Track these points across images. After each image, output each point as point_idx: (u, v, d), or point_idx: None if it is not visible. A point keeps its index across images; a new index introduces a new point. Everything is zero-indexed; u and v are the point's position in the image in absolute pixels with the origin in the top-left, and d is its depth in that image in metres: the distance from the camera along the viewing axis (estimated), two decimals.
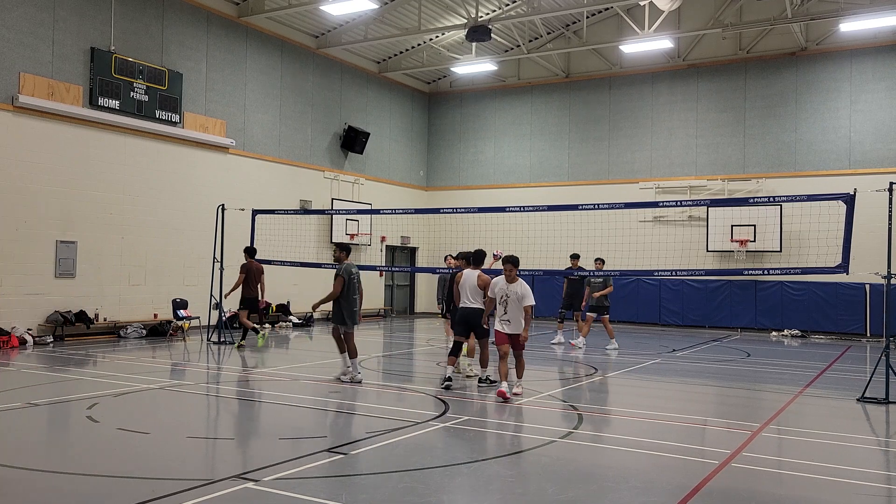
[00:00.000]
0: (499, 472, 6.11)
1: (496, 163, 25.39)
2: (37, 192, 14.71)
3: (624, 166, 23.22)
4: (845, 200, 9.92)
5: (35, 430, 7.61)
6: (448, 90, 26.41)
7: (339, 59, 22.55)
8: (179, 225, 17.47)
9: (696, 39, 22.01)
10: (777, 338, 19.82)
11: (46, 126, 14.89)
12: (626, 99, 23.33)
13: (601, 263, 15.53)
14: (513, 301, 9.42)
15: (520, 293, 9.40)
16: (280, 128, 20.64)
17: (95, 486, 5.61)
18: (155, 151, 17.02)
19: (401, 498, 5.32)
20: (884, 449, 7.51)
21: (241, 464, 6.31)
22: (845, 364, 14.08)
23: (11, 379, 10.45)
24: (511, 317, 9.46)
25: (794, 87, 21.00)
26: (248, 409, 8.80)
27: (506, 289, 9.48)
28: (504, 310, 9.51)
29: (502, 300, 9.51)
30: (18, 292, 14.38)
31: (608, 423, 8.26)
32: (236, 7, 19.12)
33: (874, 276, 11.45)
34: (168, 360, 13.01)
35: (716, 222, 20.99)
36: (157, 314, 16.77)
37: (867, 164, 19.88)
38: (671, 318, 21.99)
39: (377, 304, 24.12)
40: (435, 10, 21.18)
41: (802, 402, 9.85)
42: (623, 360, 13.94)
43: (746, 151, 21.53)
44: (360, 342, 16.59)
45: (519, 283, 9.47)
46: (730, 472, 6.24)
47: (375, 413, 8.55)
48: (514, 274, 9.52)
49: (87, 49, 15.61)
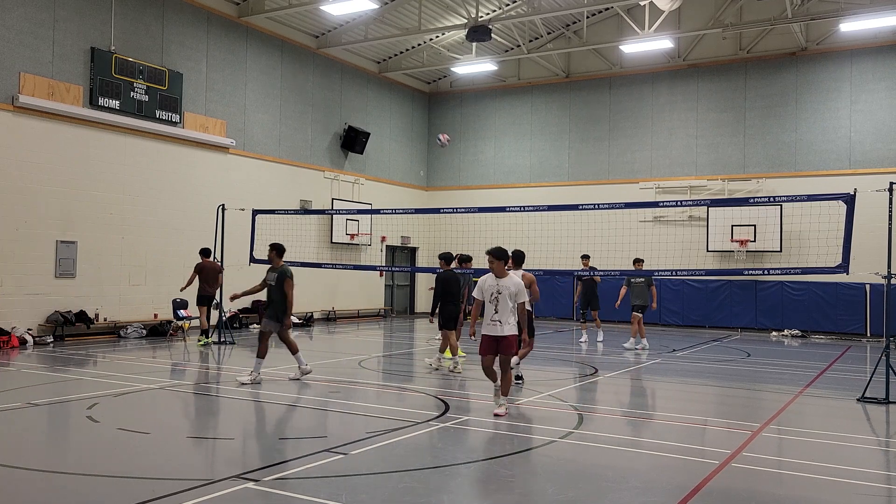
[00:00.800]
0: (499, 472, 6.11)
1: (496, 163, 25.39)
2: (37, 192, 14.72)
3: (624, 166, 23.22)
4: (845, 200, 9.91)
5: (35, 430, 7.61)
6: (448, 90, 26.41)
7: (339, 59, 22.56)
8: (180, 225, 17.47)
9: (697, 39, 22.01)
10: (777, 338, 19.82)
11: (46, 126, 14.90)
12: (626, 99, 23.33)
13: (640, 264, 15.33)
14: (504, 299, 8.20)
15: (513, 289, 8.25)
16: (280, 128, 20.64)
17: (95, 486, 5.61)
18: (155, 151, 17.02)
19: (401, 498, 5.32)
20: (884, 449, 7.51)
21: (241, 464, 6.30)
22: (845, 364, 14.08)
23: (11, 379, 10.45)
24: (502, 317, 8.23)
25: (794, 87, 21.00)
26: (248, 409, 8.80)
27: (496, 285, 8.29)
28: (494, 309, 8.25)
29: (492, 299, 8.30)
30: (18, 292, 14.38)
31: (608, 423, 8.25)
32: (236, 7, 19.12)
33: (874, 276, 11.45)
34: (168, 360, 13.02)
35: (716, 222, 20.99)
36: (157, 314, 16.78)
37: (867, 164, 19.88)
38: (671, 318, 21.99)
39: (377, 304, 24.12)
40: (435, 10, 21.18)
41: (802, 402, 9.84)
42: (623, 360, 13.94)
43: (746, 151, 21.53)
44: (360, 342, 16.65)
45: (510, 278, 8.31)
46: (730, 472, 6.24)
47: (375, 413, 8.55)
48: (500, 267, 8.30)
49: (88, 49, 15.61)
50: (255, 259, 14.72)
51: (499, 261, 8.31)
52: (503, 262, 8.36)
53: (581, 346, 16.38)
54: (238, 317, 18.55)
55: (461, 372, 11.31)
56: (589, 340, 16.71)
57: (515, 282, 8.31)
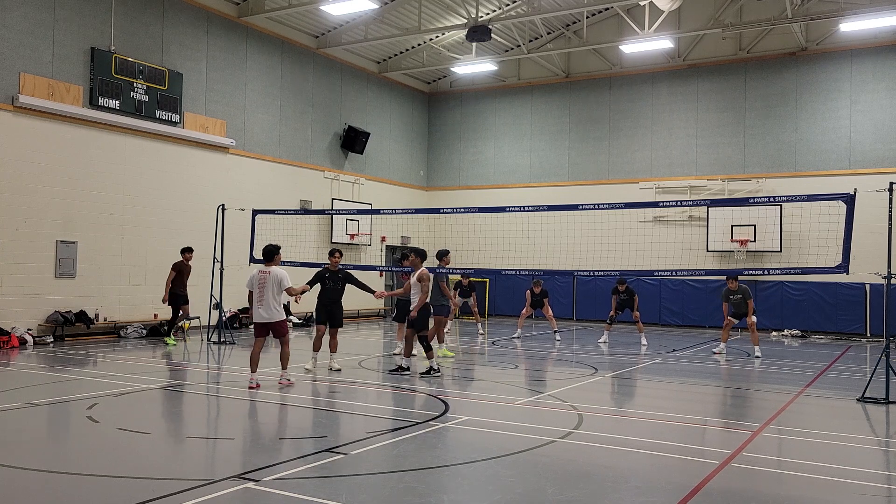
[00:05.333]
0: (499, 472, 6.11)
1: (496, 163, 25.39)
2: (37, 192, 14.71)
3: (624, 166, 23.22)
4: (845, 200, 9.91)
5: (35, 430, 7.61)
6: (448, 90, 26.41)
7: (339, 59, 22.55)
8: (179, 225, 17.47)
9: (696, 39, 22.01)
10: (777, 338, 19.82)
11: (46, 126, 14.90)
12: (626, 99, 23.32)
13: (735, 282, 14.85)
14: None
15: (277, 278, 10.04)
16: (280, 128, 20.64)
17: (95, 486, 5.61)
18: (155, 151, 17.02)
19: (401, 498, 5.32)
20: (884, 449, 7.51)
21: (241, 464, 6.30)
22: (845, 364, 14.08)
23: (11, 379, 10.45)
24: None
25: (794, 87, 21.00)
26: (248, 409, 8.80)
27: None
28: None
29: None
30: (18, 292, 14.38)
31: (608, 423, 8.25)
32: (236, 7, 19.12)
33: (874, 276, 11.45)
34: (168, 360, 13.01)
35: (716, 222, 20.99)
36: (157, 314, 16.77)
37: (867, 164, 19.88)
38: (671, 318, 21.99)
39: (377, 304, 24.11)
40: (435, 10, 21.18)
41: (802, 402, 9.84)
42: (623, 360, 13.94)
43: (746, 151, 21.52)
44: (360, 342, 16.63)
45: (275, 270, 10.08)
46: (730, 472, 6.24)
47: (375, 413, 8.55)
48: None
49: (88, 49, 15.61)
50: (255, 259, 14.71)
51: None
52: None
53: (601, 346, 16.40)
54: (238, 317, 18.54)
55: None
56: (608, 342, 16.76)
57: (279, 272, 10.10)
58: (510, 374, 12.04)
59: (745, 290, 14.74)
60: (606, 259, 17.72)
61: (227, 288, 15.46)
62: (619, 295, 16.82)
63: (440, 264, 12.76)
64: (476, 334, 18.43)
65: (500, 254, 19.43)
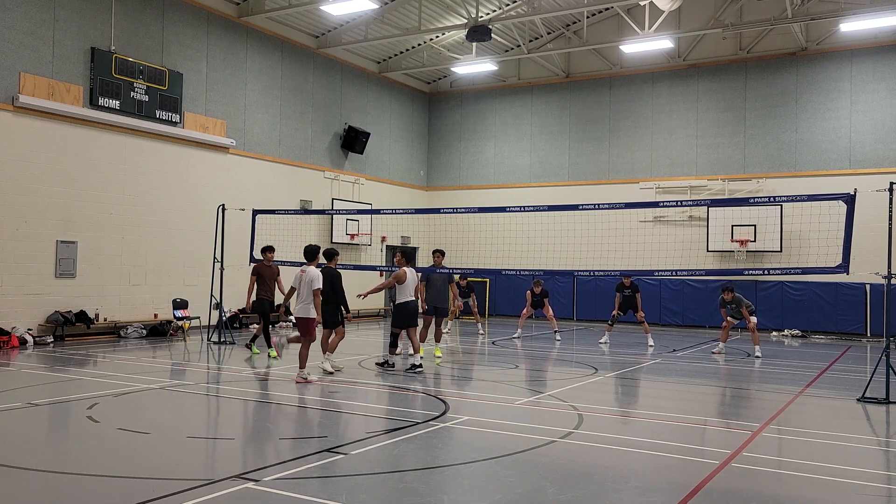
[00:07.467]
0: (499, 472, 6.11)
1: (496, 163, 25.39)
2: (37, 192, 14.71)
3: (624, 166, 23.22)
4: (845, 200, 9.92)
5: (35, 430, 7.61)
6: (448, 90, 26.41)
7: (339, 59, 22.55)
8: (179, 225, 17.47)
9: (697, 39, 22.01)
10: (777, 338, 19.82)
11: (46, 126, 14.89)
12: (626, 99, 23.32)
13: (731, 293, 14.86)
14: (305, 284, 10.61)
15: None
16: (280, 128, 20.64)
17: (95, 486, 5.61)
18: (155, 151, 17.02)
19: (401, 498, 5.32)
20: (884, 449, 7.51)
21: (241, 464, 6.30)
22: (845, 364, 14.08)
23: (11, 379, 10.45)
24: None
25: (794, 87, 21.00)
26: (248, 409, 8.80)
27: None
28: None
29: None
30: (19, 292, 14.38)
31: (608, 423, 8.25)
32: (236, 7, 19.12)
33: (874, 276, 11.44)
34: (168, 360, 13.02)
35: (716, 222, 20.98)
36: (157, 314, 16.78)
37: (867, 164, 19.88)
38: (671, 318, 21.99)
39: (377, 304, 24.11)
40: (435, 10, 21.18)
41: (802, 402, 9.84)
42: (623, 360, 13.94)
43: (746, 151, 21.52)
44: (361, 342, 16.62)
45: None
46: (730, 472, 6.24)
47: (375, 413, 8.55)
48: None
49: (88, 49, 15.61)
50: (255, 259, 14.72)
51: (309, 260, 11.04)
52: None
53: (601, 346, 16.32)
54: (238, 317, 18.54)
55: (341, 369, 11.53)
56: (609, 343, 16.69)
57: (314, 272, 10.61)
58: (510, 374, 12.04)
59: (739, 299, 14.77)
60: (606, 259, 17.73)
61: (227, 288, 15.46)
62: (623, 291, 16.68)
63: (432, 263, 13.07)
64: (476, 334, 18.43)
65: (500, 254, 19.41)
